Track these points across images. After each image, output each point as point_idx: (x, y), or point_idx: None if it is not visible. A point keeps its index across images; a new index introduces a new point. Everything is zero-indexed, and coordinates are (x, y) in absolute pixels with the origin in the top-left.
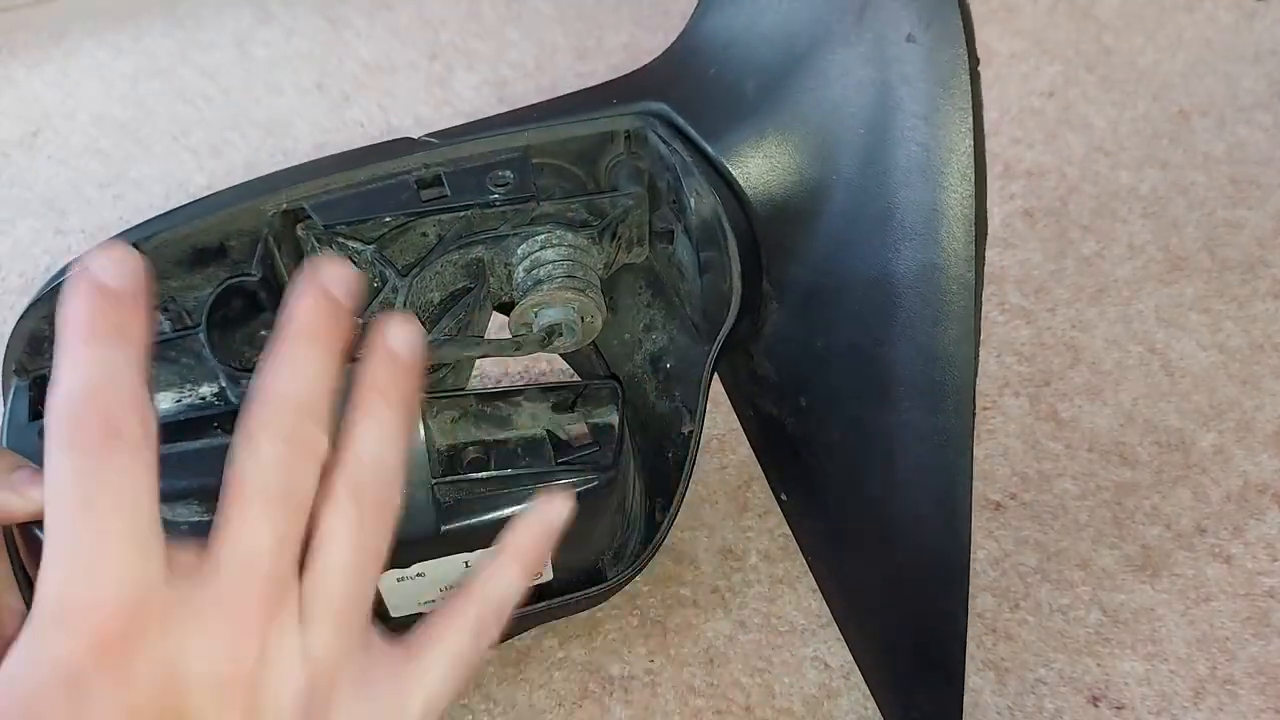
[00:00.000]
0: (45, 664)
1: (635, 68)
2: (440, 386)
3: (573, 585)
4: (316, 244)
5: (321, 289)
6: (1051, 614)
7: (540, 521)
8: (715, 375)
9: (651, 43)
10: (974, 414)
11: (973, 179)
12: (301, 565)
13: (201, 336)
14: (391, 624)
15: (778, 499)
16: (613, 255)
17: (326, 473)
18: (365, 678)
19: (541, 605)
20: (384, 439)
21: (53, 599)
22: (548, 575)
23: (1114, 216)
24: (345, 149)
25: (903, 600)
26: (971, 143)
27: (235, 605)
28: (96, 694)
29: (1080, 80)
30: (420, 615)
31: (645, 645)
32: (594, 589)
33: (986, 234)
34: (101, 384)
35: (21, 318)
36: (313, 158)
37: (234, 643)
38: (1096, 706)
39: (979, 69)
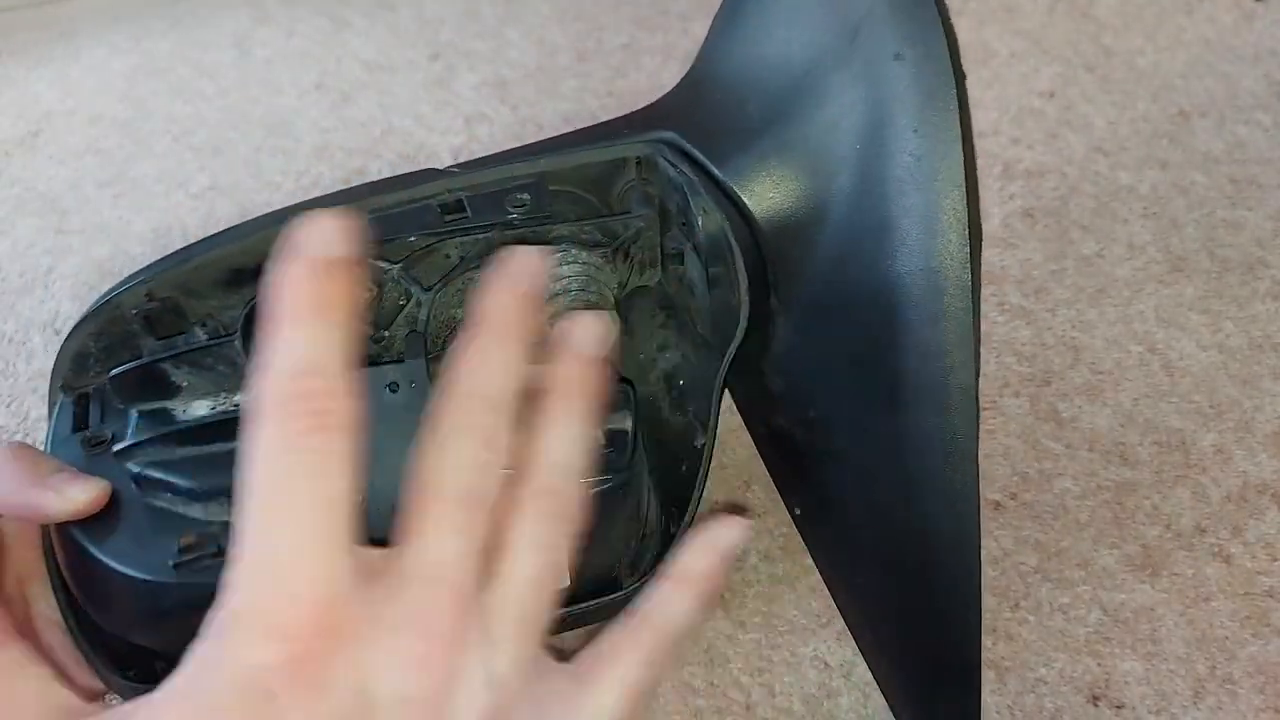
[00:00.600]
0: (237, 675)
1: (635, 68)
2: None
3: (590, 594)
4: None
5: (512, 283)
6: (1051, 613)
7: (713, 544)
8: (728, 392)
9: (651, 43)
10: (978, 414)
11: (964, 185)
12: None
13: (238, 344)
14: None
15: (791, 514)
16: (626, 275)
17: (511, 479)
18: (540, 703)
19: (559, 613)
20: (573, 445)
21: (244, 602)
22: (564, 583)
23: (1114, 217)
24: (345, 149)
25: (916, 607)
26: (961, 150)
27: (426, 621)
28: (289, 711)
29: (1080, 80)
30: None
31: None
32: (611, 597)
33: (981, 237)
34: (310, 367)
35: (68, 337)
36: (312, 158)
37: (424, 662)
38: (1096, 706)
39: (965, 81)
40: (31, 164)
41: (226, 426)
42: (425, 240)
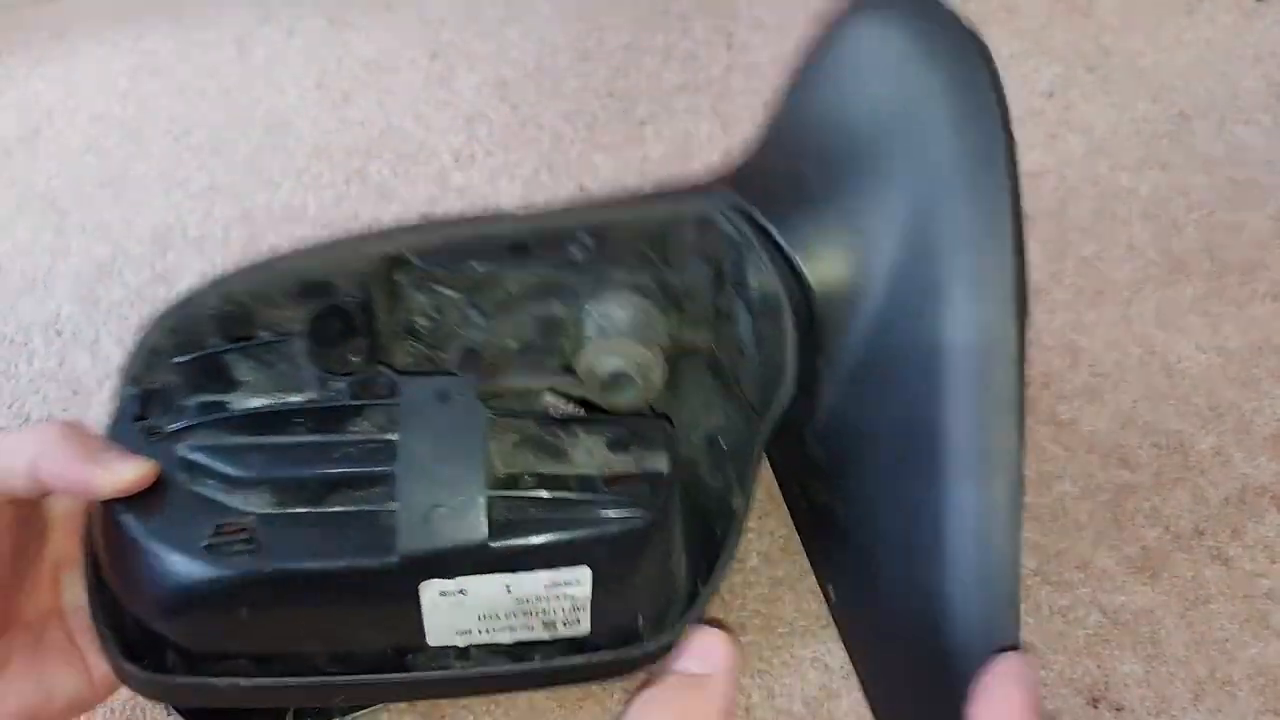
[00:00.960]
0: None
1: (635, 68)
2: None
3: (610, 644)
4: (412, 289)
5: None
6: (1051, 615)
7: None
8: (767, 461)
9: (652, 43)
10: (1023, 489)
11: (1014, 254)
12: None
13: (301, 344)
14: (428, 654)
15: (825, 596)
16: (676, 329)
17: None
18: None
19: (579, 660)
20: None
21: None
22: (585, 628)
23: (1113, 218)
24: (345, 148)
25: (952, 696)
26: (1013, 219)
27: None
28: None
29: (1080, 81)
30: (453, 650)
31: None
32: (630, 652)
33: (1027, 306)
34: None
35: (147, 332)
36: (312, 157)
37: None
38: (1096, 708)
39: (1014, 144)
40: (32, 163)
41: (279, 419)
42: (488, 270)
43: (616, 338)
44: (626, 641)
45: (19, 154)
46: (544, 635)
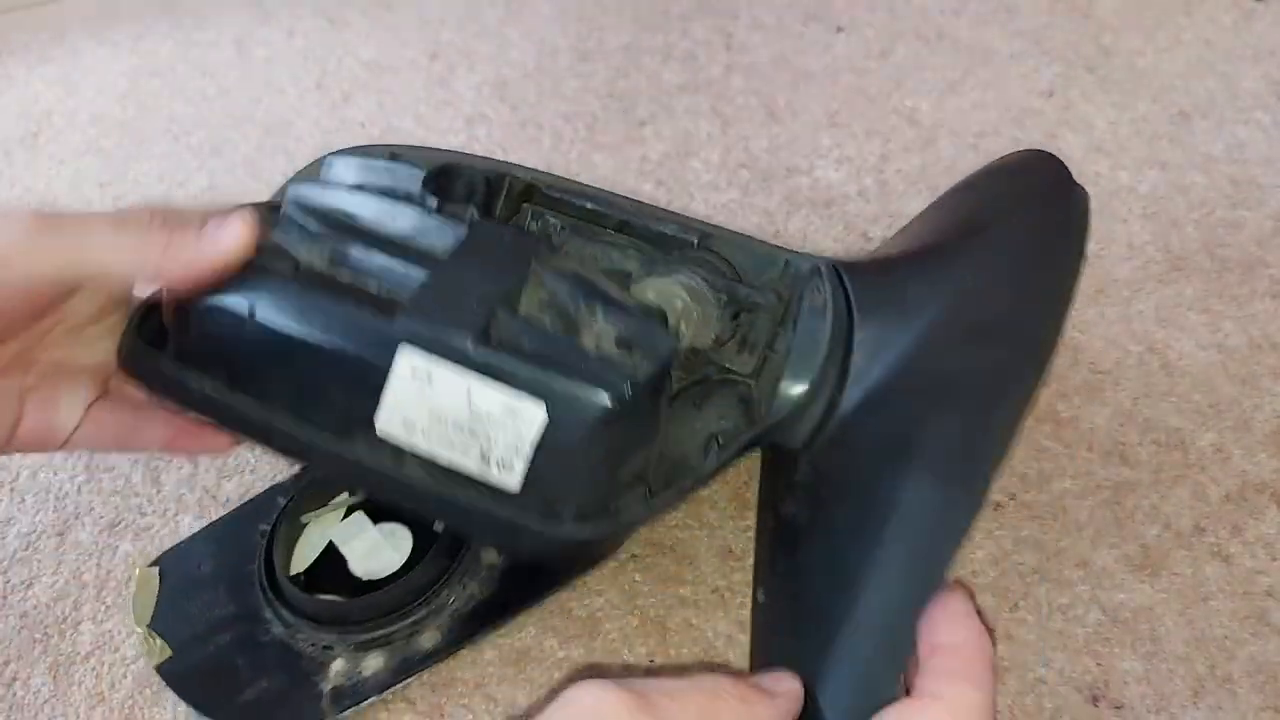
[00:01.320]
0: None
1: (635, 68)
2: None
3: (527, 511)
4: (529, 217)
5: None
6: (1051, 613)
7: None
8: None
9: (651, 43)
10: (985, 494)
11: (1038, 323)
12: None
13: (420, 170)
14: (369, 439)
15: (754, 600)
16: (726, 335)
17: None
18: None
19: (492, 507)
20: None
21: None
22: (515, 479)
23: (1114, 216)
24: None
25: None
26: (1052, 300)
27: None
28: None
29: (1080, 80)
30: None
31: (645, 645)
32: (543, 525)
33: (1052, 356)
34: None
35: (326, 155)
36: (312, 158)
37: None
38: (1096, 706)
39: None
40: (32, 164)
41: (370, 206)
42: (595, 212)
43: (670, 282)
44: (544, 516)
45: (19, 154)
46: (475, 468)
